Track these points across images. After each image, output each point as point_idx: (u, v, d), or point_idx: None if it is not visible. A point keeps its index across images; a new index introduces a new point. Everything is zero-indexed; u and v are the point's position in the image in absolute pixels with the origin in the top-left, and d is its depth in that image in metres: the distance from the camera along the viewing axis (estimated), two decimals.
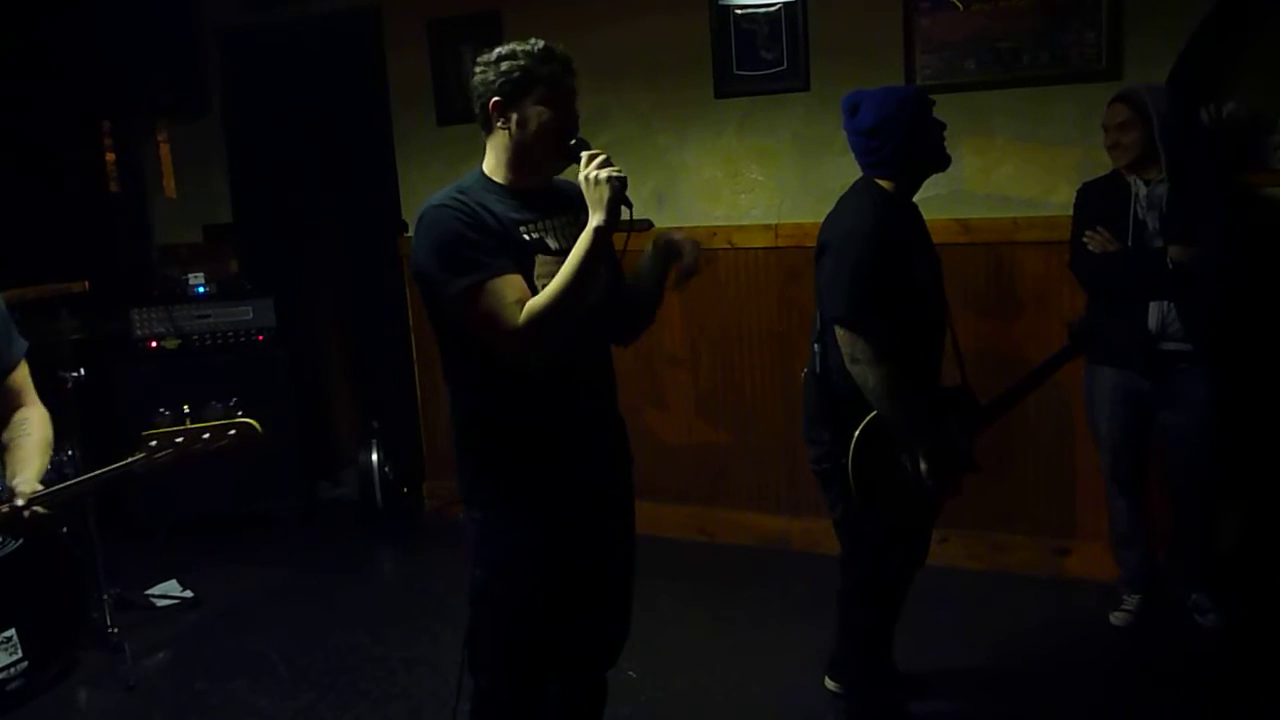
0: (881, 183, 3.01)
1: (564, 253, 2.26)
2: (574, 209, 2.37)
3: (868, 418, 2.94)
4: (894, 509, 3.05)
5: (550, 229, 2.36)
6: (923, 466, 2.94)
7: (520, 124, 2.30)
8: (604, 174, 2.18)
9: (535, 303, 2.19)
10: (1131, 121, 3.50)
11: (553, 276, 2.23)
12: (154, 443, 2.44)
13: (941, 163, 3.03)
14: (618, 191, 2.18)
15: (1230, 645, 3.64)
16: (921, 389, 2.99)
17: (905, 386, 2.89)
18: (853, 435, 2.94)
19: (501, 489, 2.40)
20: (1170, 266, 3.43)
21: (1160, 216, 3.52)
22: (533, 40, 2.32)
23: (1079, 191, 3.75)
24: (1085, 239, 3.59)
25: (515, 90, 2.29)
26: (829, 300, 2.97)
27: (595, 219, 2.19)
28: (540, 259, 2.30)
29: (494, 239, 2.25)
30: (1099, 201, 3.64)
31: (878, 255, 2.89)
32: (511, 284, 2.22)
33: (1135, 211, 3.54)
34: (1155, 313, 3.52)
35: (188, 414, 2.51)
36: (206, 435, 2.49)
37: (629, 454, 2.60)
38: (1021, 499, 4.27)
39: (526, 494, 2.39)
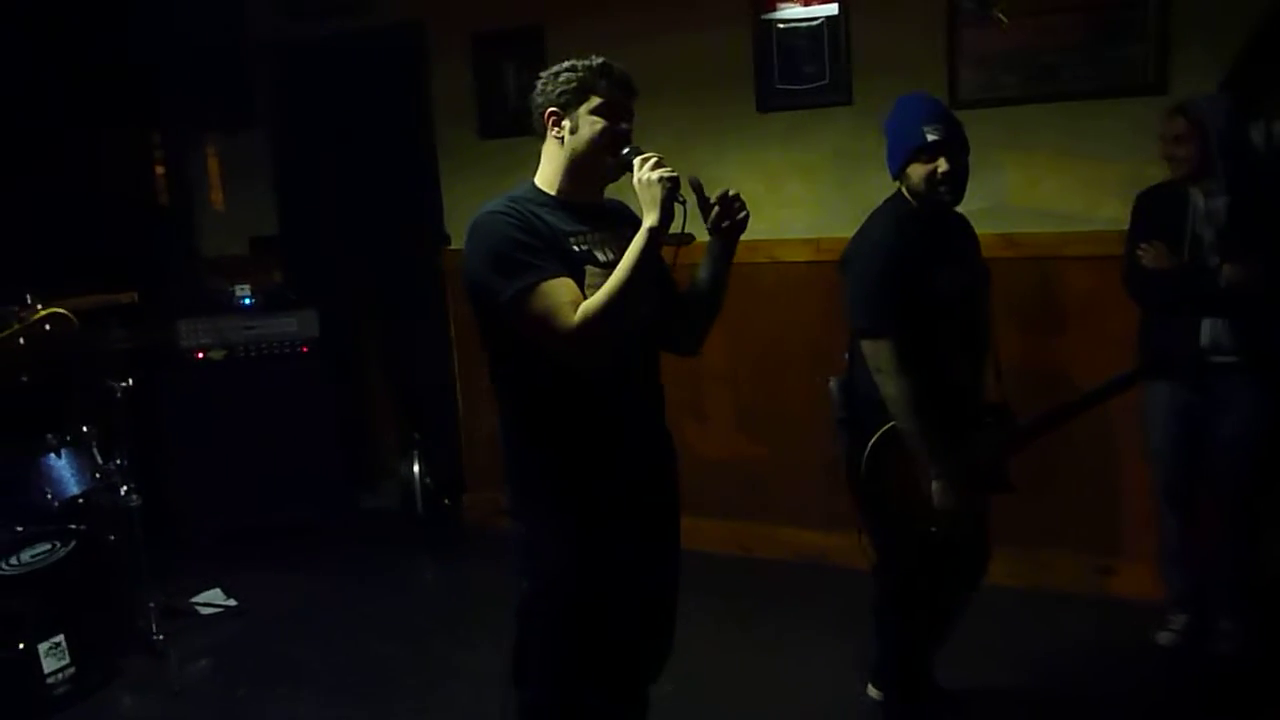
0: (908, 196, 3.03)
1: (612, 265, 2.28)
2: (620, 224, 2.41)
3: (884, 427, 2.96)
4: (909, 520, 3.03)
5: (598, 242, 2.38)
6: (934, 485, 2.94)
7: (573, 131, 2.34)
8: (656, 175, 2.23)
9: (590, 304, 2.21)
10: (1188, 134, 3.42)
11: (599, 287, 2.25)
12: None
13: (918, 185, 2.97)
14: (670, 191, 2.22)
15: (1257, 672, 3.56)
16: (948, 405, 2.98)
17: (926, 402, 2.89)
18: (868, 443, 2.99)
19: (550, 501, 2.41)
20: (1223, 286, 3.37)
21: (1217, 231, 3.45)
22: (594, 56, 2.37)
23: (1137, 199, 3.67)
24: (1139, 252, 3.53)
25: (571, 100, 2.34)
26: (852, 312, 3.02)
27: (649, 219, 2.23)
28: (589, 270, 2.31)
29: (545, 243, 2.28)
30: (1156, 212, 3.58)
31: (898, 267, 2.93)
32: (566, 286, 2.24)
33: (1192, 225, 3.48)
34: (1207, 328, 3.46)
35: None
36: (23, 340, 2.51)
37: (676, 469, 2.60)
38: (1065, 515, 4.23)
39: (575, 507, 2.39)
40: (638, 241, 2.23)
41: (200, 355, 5.26)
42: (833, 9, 4.35)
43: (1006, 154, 4.13)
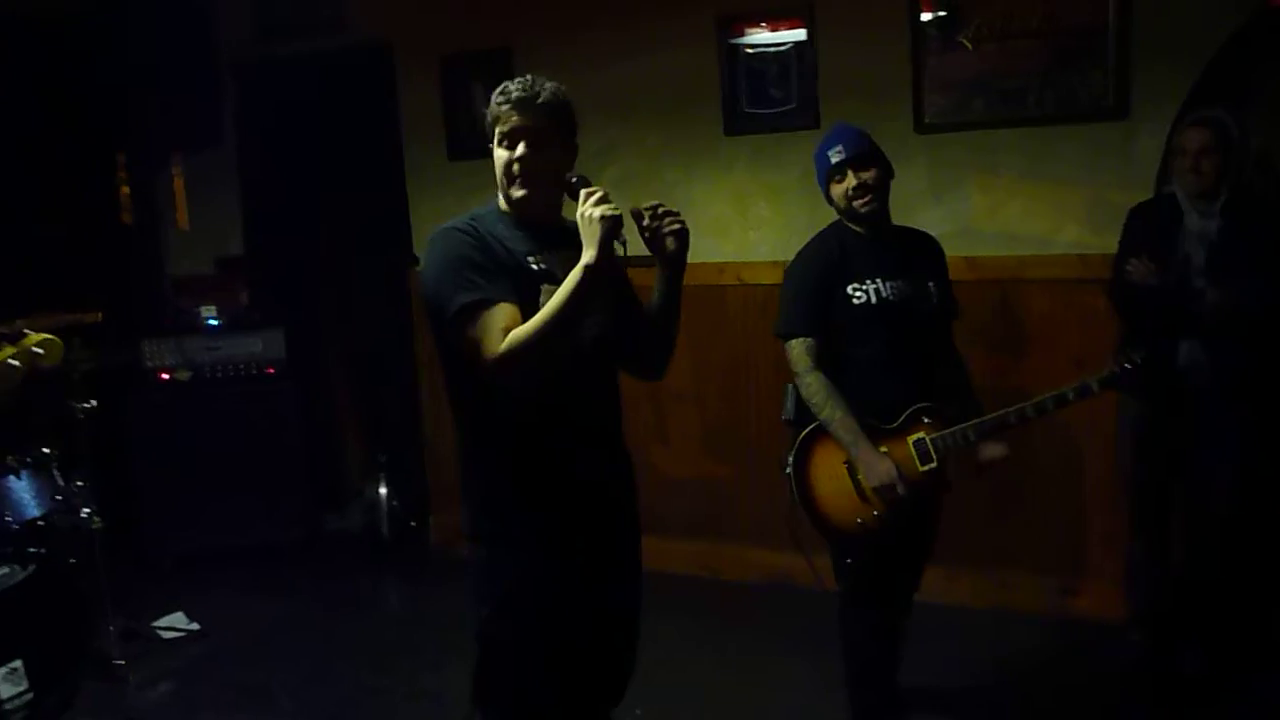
0: (843, 220, 3.23)
1: None
2: (579, 246, 2.39)
3: (810, 427, 3.13)
4: (838, 516, 3.15)
5: (560, 261, 2.34)
6: (860, 474, 3.06)
7: (494, 162, 2.36)
8: (597, 211, 2.19)
9: (517, 333, 2.19)
10: (1214, 146, 3.40)
11: None
12: None
13: (840, 204, 3.19)
14: (609, 230, 2.18)
15: (1214, 695, 3.58)
16: (874, 410, 3.10)
17: (838, 396, 3.06)
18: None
19: (503, 524, 2.40)
20: (1208, 310, 3.38)
21: (1207, 252, 3.46)
22: (510, 80, 2.35)
23: (1130, 213, 3.67)
24: (1128, 268, 3.52)
25: (490, 129, 2.35)
26: (778, 319, 3.26)
27: (586, 255, 2.19)
28: (546, 288, 2.29)
29: (498, 264, 2.28)
30: (1149, 228, 3.57)
31: (819, 279, 3.16)
32: (504, 312, 2.22)
33: (1184, 244, 3.48)
34: (1185, 349, 3.48)
35: None
36: (16, 364, 2.51)
37: (634, 489, 2.60)
38: (1028, 537, 4.25)
39: (528, 529, 2.38)
40: (572, 277, 2.19)
41: (165, 376, 5.22)
42: (800, 34, 4.39)
43: (971, 177, 4.18)
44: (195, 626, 4.50)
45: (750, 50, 4.48)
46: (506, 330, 2.20)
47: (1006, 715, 3.59)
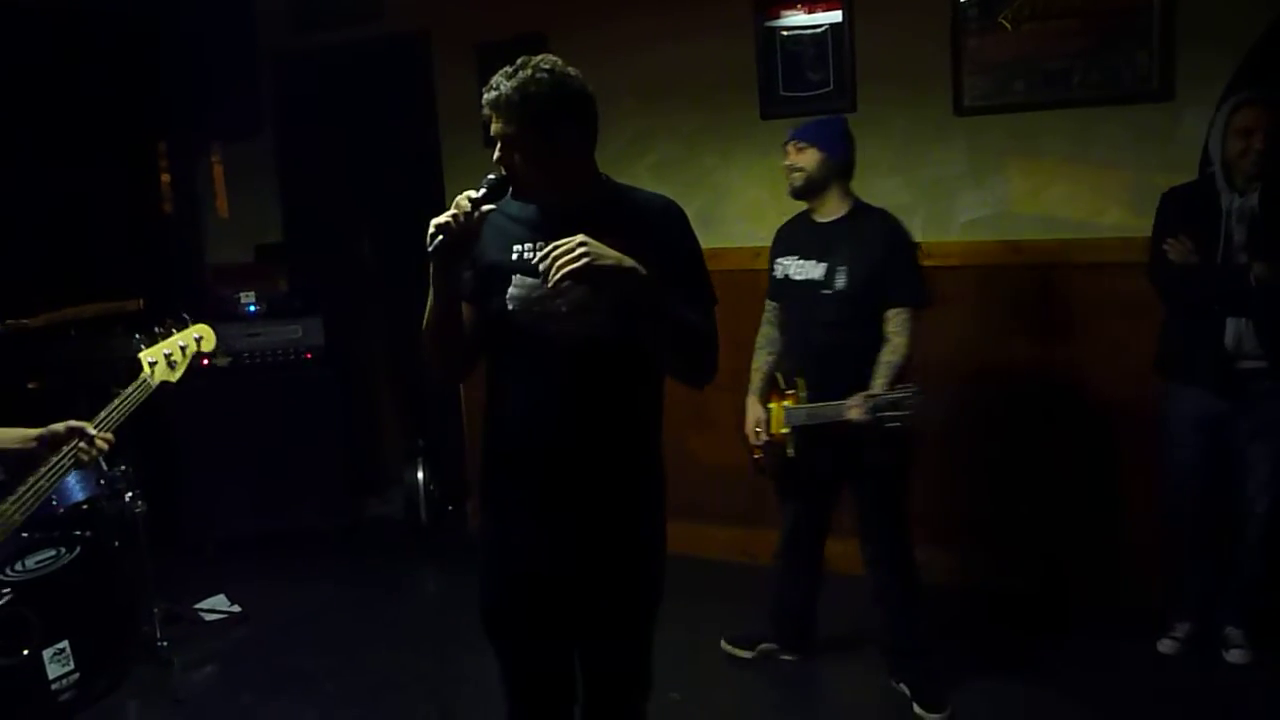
0: None
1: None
2: (602, 233, 2.16)
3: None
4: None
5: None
6: None
7: None
8: (434, 220, 2.18)
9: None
10: (1265, 124, 3.36)
11: (521, 300, 2.27)
12: (155, 361, 2.79)
13: None
14: (431, 236, 2.17)
15: (1258, 682, 3.55)
16: (784, 365, 3.61)
17: (763, 351, 3.70)
18: None
19: (482, 499, 2.49)
20: (1253, 284, 3.34)
21: (1250, 229, 3.41)
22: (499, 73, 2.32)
23: (1163, 198, 3.62)
24: (1166, 247, 3.48)
25: None
26: None
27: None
28: (519, 279, 2.28)
29: (470, 259, 2.32)
30: (1186, 211, 3.53)
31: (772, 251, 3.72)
32: None
33: (1226, 224, 3.43)
34: (1233, 329, 3.43)
35: (159, 332, 3.01)
36: (200, 338, 2.81)
37: (624, 497, 2.42)
38: (1068, 522, 4.22)
39: (487, 512, 2.47)
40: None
41: (205, 362, 5.23)
42: (836, 16, 4.36)
43: (1011, 160, 4.13)
44: (237, 608, 4.55)
45: (787, 33, 4.45)
46: None
47: (1047, 703, 3.56)
